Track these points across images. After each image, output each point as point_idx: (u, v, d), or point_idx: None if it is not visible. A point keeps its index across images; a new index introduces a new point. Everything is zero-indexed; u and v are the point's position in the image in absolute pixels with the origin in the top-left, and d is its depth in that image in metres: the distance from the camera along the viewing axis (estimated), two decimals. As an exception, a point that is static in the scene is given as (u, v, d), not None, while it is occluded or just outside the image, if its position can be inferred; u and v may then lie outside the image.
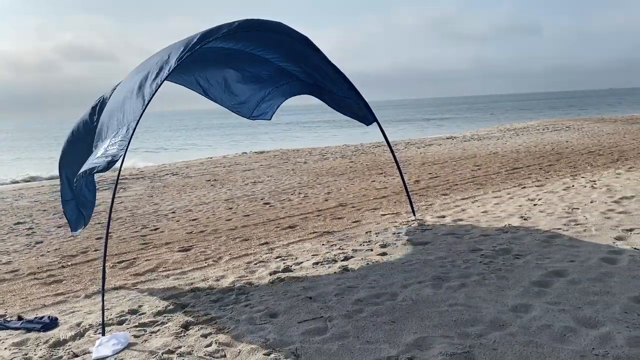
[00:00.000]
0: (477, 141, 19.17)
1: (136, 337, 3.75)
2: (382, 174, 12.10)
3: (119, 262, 5.95)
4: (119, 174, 4.25)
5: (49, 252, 6.70)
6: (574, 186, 8.57)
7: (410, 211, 7.27)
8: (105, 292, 4.14)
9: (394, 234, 6.28)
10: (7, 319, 4.31)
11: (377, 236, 6.24)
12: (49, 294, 5.02)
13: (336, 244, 6.02)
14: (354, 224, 7.08)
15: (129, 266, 5.79)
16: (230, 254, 5.97)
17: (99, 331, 3.84)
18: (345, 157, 16.28)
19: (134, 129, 4.04)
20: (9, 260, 6.40)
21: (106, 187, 12.37)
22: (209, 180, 12.92)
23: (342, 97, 6.52)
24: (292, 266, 5.24)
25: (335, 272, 4.93)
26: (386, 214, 7.56)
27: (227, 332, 3.71)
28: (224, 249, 6.24)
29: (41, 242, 7.27)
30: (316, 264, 5.27)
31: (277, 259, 5.56)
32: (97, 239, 7.17)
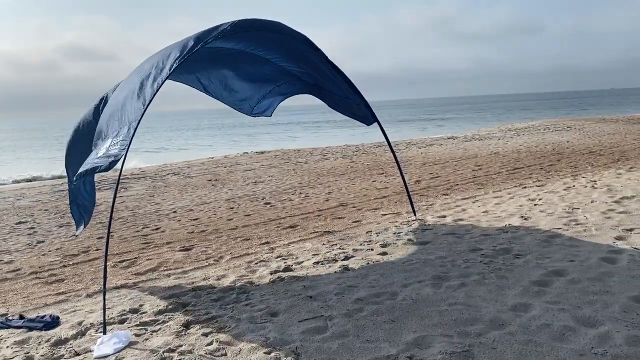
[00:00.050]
0: (478, 141, 19.18)
1: (137, 335, 3.77)
2: (383, 174, 12.11)
3: (120, 262, 5.97)
4: (120, 173, 4.26)
5: (50, 251, 6.72)
6: (574, 186, 8.57)
7: (410, 211, 7.28)
8: (106, 291, 4.15)
9: (395, 233, 6.29)
10: (9, 318, 4.33)
11: (377, 236, 6.25)
12: (51, 293, 5.04)
13: (337, 244, 6.03)
14: (354, 224, 7.09)
15: (130, 265, 5.81)
16: (231, 254, 5.99)
17: (100, 330, 3.86)
18: (346, 157, 16.30)
19: (135, 129, 4.06)
20: (10, 259, 6.42)
21: (107, 187, 12.40)
22: (210, 180, 12.94)
23: (342, 97, 6.54)
24: (292, 265, 5.26)
25: (335, 272, 4.95)
26: (387, 214, 7.58)
27: (228, 331, 3.72)
28: (224, 249, 6.26)
29: (43, 242, 7.30)
30: (317, 263, 5.28)
31: (278, 259, 5.58)
32: (98, 239, 7.20)
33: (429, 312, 3.78)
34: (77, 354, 3.56)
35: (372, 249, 5.66)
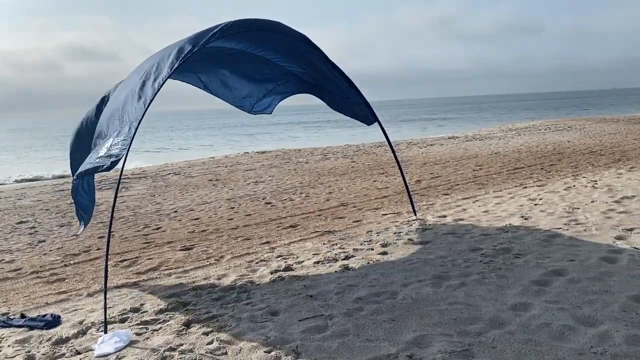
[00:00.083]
0: (479, 141, 19.18)
1: (138, 334, 3.78)
2: (383, 173, 12.12)
3: (121, 261, 5.98)
4: (121, 173, 4.27)
5: (51, 250, 6.74)
6: (575, 186, 8.58)
7: (411, 211, 7.29)
8: (107, 290, 4.17)
9: (395, 233, 6.30)
10: (11, 317, 4.35)
11: (378, 235, 6.26)
12: (52, 292, 5.05)
13: (337, 243, 6.04)
14: (355, 224, 7.10)
15: (131, 265, 5.82)
16: (231, 253, 6.00)
17: (101, 329, 3.87)
18: (346, 157, 16.31)
19: (136, 128, 4.07)
20: (12, 259, 6.44)
21: (108, 187, 12.42)
22: (211, 179, 12.96)
23: (342, 97, 6.55)
24: (293, 265, 5.27)
25: (336, 271, 4.96)
26: (387, 214, 7.58)
27: (229, 330, 3.74)
28: (225, 248, 6.27)
29: (44, 241, 7.31)
30: (317, 262, 5.30)
31: (279, 258, 5.59)
32: (99, 238, 7.21)
33: (429, 312, 3.79)
34: (78, 353, 3.58)
35: (372, 249, 5.67)
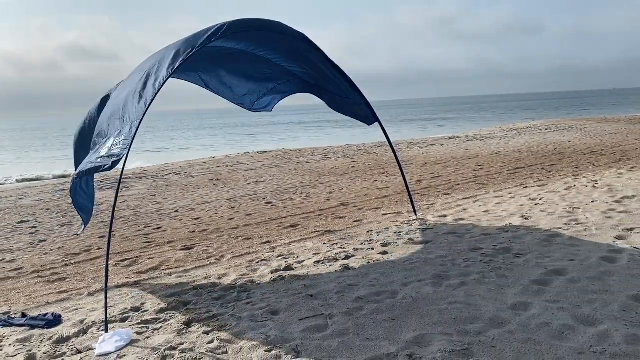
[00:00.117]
0: (480, 141, 19.18)
1: (139, 334, 3.79)
2: (384, 173, 12.12)
3: (122, 261, 5.99)
4: (122, 173, 4.28)
5: (52, 250, 6.75)
6: (575, 186, 8.58)
7: (411, 210, 7.30)
8: (108, 289, 4.17)
9: (395, 233, 6.30)
10: (12, 316, 4.36)
11: (378, 235, 6.27)
12: (53, 291, 5.07)
13: (337, 243, 6.05)
14: (355, 223, 7.11)
15: (132, 264, 5.83)
16: (232, 253, 6.01)
17: (102, 328, 3.88)
18: (347, 157, 16.31)
19: (137, 128, 4.08)
20: (12, 258, 6.45)
21: (109, 186, 12.43)
22: (212, 179, 12.97)
23: (343, 97, 6.56)
24: (293, 265, 5.28)
25: (336, 271, 4.97)
26: (388, 214, 7.59)
27: (229, 329, 3.75)
28: (226, 248, 6.28)
29: (45, 241, 7.33)
30: (317, 262, 5.30)
31: (279, 258, 5.60)
32: (100, 238, 7.22)
33: (429, 311, 3.79)
34: (79, 352, 3.59)
35: (372, 248, 5.68)
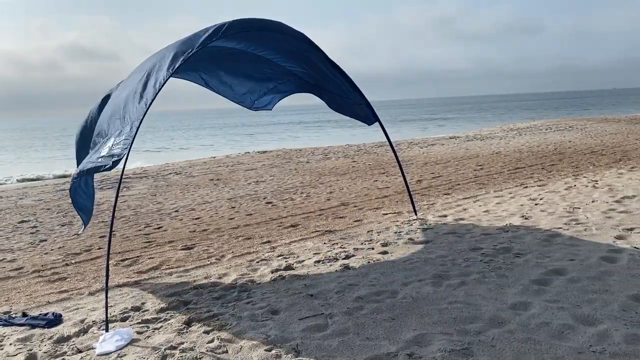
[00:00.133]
0: (480, 141, 19.18)
1: (139, 333, 3.80)
2: (384, 173, 12.13)
3: (123, 260, 6.00)
4: (123, 172, 4.29)
5: (53, 250, 6.76)
6: (575, 186, 8.58)
7: (412, 210, 7.30)
8: (108, 289, 4.18)
9: (396, 233, 6.31)
10: (12, 316, 4.37)
11: (378, 235, 6.27)
12: (53, 291, 5.07)
13: (338, 243, 6.06)
14: (355, 223, 7.11)
15: (133, 264, 5.84)
16: (232, 252, 6.02)
17: (103, 327, 3.89)
18: (347, 157, 16.32)
19: (138, 128, 4.09)
20: (13, 258, 6.46)
21: (109, 186, 12.44)
22: (212, 179, 12.98)
23: (343, 97, 6.57)
24: (293, 264, 5.28)
25: (336, 270, 4.97)
26: (388, 213, 7.60)
27: (229, 328, 3.75)
28: (226, 248, 6.28)
29: (45, 240, 7.34)
30: (318, 262, 5.31)
31: (279, 257, 5.60)
32: (100, 237, 7.23)
33: (429, 311, 3.80)
34: (80, 351, 3.59)
35: (372, 248, 5.68)
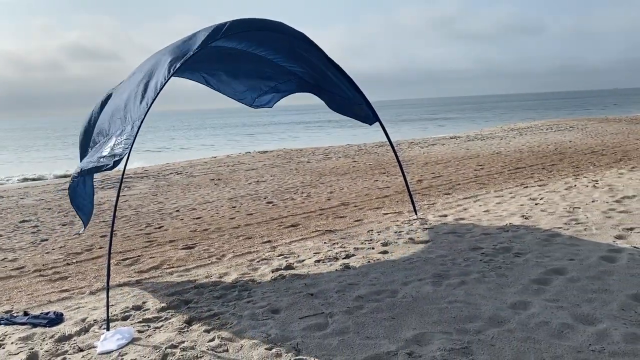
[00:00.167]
0: (481, 141, 19.18)
1: (140, 332, 3.81)
2: (384, 173, 12.14)
3: (124, 260, 6.02)
4: (124, 172, 4.30)
5: (54, 249, 6.78)
6: (576, 186, 8.59)
7: (412, 210, 7.31)
8: (110, 288, 4.20)
9: (396, 232, 6.32)
10: (14, 315, 4.38)
11: (378, 235, 6.29)
12: (55, 290, 5.09)
13: (338, 242, 6.07)
14: (356, 223, 7.13)
15: (134, 263, 5.85)
16: (233, 252, 6.04)
17: (104, 326, 3.91)
18: (348, 157, 16.33)
19: (139, 127, 4.10)
20: (15, 257, 6.48)
21: (110, 186, 12.46)
22: (213, 179, 13.00)
23: (343, 98, 6.58)
24: (294, 264, 5.30)
25: (336, 270, 4.99)
26: (388, 213, 7.61)
27: (230, 327, 3.77)
28: (227, 247, 6.30)
29: (46, 240, 7.36)
30: (318, 261, 5.32)
31: (280, 257, 5.62)
32: (101, 237, 7.25)
33: (429, 310, 3.81)
34: (81, 350, 3.61)
35: (373, 248, 5.69)
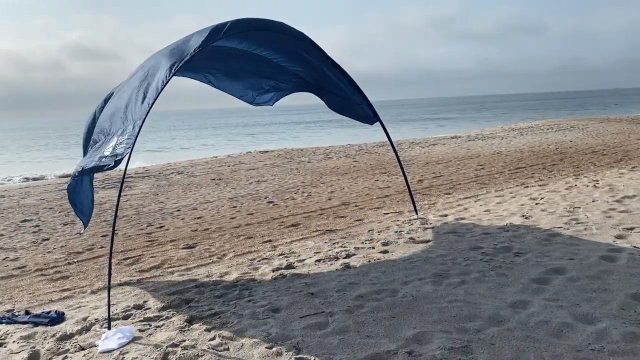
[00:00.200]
0: (481, 141, 19.18)
1: (141, 331, 3.82)
2: (385, 173, 12.15)
3: (125, 259, 6.03)
4: (125, 172, 4.31)
5: (55, 249, 6.80)
6: (576, 185, 8.60)
7: (412, 210, 7.32)
8: (111, 287, 4.21)
9: (396, 232, 6.33)
10: (15, 314, 4.40)
11: (379, 234, 6.30)
12: (56, 289, 5.11)
13: (338, 242, 6.08)
14: (356, 223, 7.14)
15: (135, 263, 5.87)
16: (234, 251, 6.05)
17: (105, 325, 3.92)
18: (348, 157, 16.34)
19: (140, 127, 4.11)
20: (16, 256, 6.50)
21: (111, 186, 12.48)
22: (214, 179, 13.01)
23: (343, 98, 6.59)
24: (294, 263, 5.31)
25: (337, 269, 5.00)
26: (389, 213, 7.62)
27: (231, 326, 3.78)
28: (228, 247, 6.31)
29: (48, 239, 7.37)
30: (318, 261, 5.33)
31: (280, 256, 5.63)
32: (102, 236, 7.26)
33: (429, 309, 3.82)
34: (82, 349, 3.62)
35: (373, 247, 5.71)
